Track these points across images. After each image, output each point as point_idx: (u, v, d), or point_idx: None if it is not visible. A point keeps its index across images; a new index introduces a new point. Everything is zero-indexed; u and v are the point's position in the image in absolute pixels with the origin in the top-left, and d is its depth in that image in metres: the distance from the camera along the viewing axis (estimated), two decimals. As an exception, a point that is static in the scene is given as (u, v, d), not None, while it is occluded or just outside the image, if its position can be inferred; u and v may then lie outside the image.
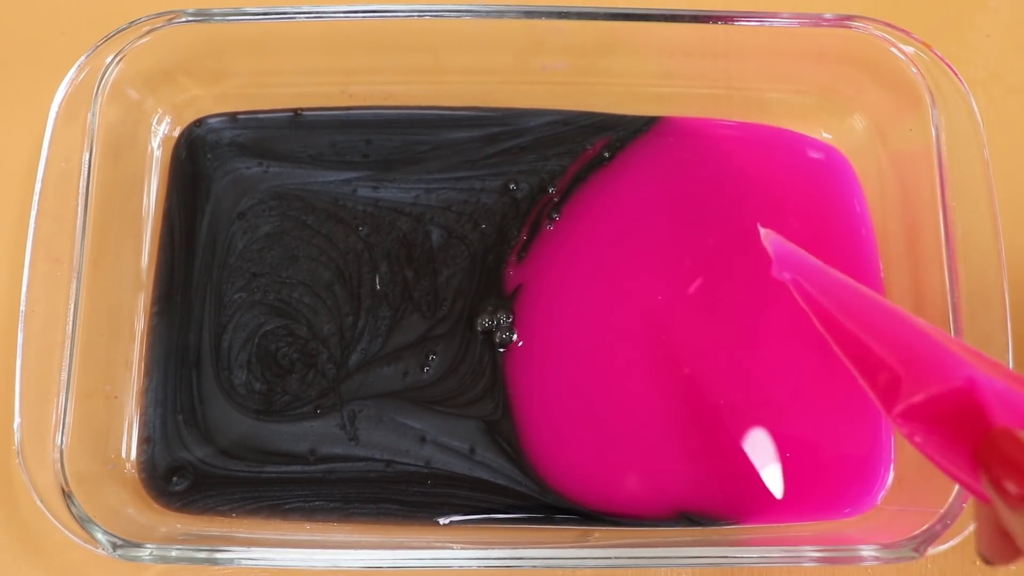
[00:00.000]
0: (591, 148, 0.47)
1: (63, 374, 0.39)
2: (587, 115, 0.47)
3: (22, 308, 0.39)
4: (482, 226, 0.45)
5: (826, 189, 0.47)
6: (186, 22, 0.43)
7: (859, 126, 0.47)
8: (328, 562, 0.37)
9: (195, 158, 0.46)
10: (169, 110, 0.46)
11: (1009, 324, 0.39)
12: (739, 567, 0.40)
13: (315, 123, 0.47)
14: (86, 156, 0.41)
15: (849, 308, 0.30)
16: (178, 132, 0.47)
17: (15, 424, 0.38)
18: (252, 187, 0.46)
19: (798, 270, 0.34)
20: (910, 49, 0.42)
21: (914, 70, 0.42)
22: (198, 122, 0.47)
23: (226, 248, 0.45)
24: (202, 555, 0.38)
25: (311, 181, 0.46)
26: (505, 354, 0.43)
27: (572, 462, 0.42)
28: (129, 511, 0.40)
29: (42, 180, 0.40)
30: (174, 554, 0.38)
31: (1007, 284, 0.39)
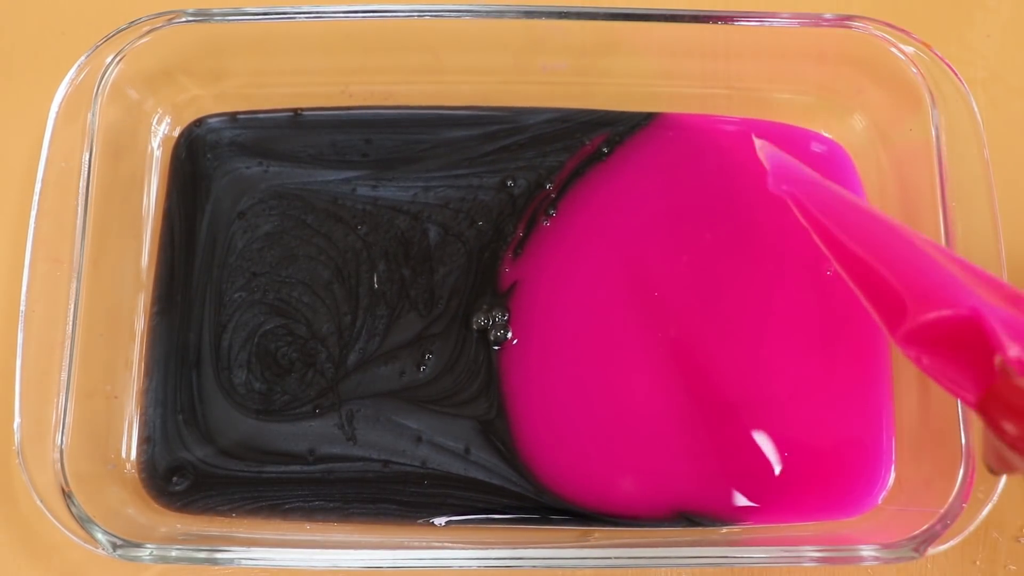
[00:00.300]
0: (589, 144, 0.47)
1: (63, 374, 0.39)
2: (586, 112, 0.47)
3: (22, 308, 0.39)
4: (479, 223, 0.45)
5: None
6: (186, 22, 0.43)
7: (859, 126, 0.47)
8: (328, 562, 0.37)
9: (195, 158, 0.46)
10: (169, 110, 0.46)
11: (1009, 324, 0.39)
12: (739, 567, 0.41)
13: (315, 123, 0.47)
14: (86, 156, 0.41)
15: (850, 225, 0.29)
16: (178, 132, 0.47)
17: (15, 424, 0.38)
18: (252, 187, 0.46)
19: (795, 183, 0.32)
20: (910, 49, 0.43)
21: (914, 70, 0.42)
22: (198, 122, 0.47)
23: (226, 247, 0.45)
24: (202, 555, 0.38)
25: (311, 180, 0.46)
26: (500, 352, 0.43)
27: (568, 461, 0.42)
28: (129, 511, 0.40)
29: (42, 180, 0.40)
30: (174, 554, 0.38)
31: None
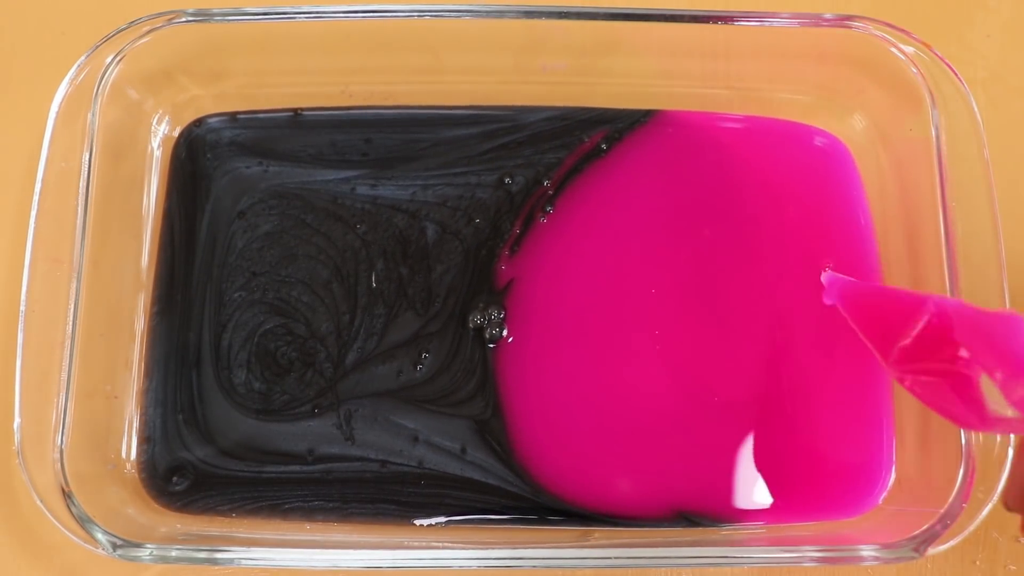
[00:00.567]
0: (588, 141, 0.47)
1: (63, 374, 0.39)
2: (585, 110, 0.47)
3: (22, 308, 0.39)
4: (476, 221, 0.45)
5: (824, 176, 0.46)
6: (186, 22, 0.43)
7: (859, 126, 0.47)
8: (328, 562, 0.37)
9: (195, 158, 0.46)
10: (169, 110, 0.46)
11: (1009, 324, 0.39)
12: (739, 567, 0.41)
13: (315, 122, 0.47)
14: (86, 156, 0.41)
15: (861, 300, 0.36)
16: (178, 132, 0.47)
17: (15, 424, 0.38)
18: (252, 186, 0.46)
19: (839, 293, 0.39)
20: (910, 49, 0.42)
21: (914, 70, 0.42)
22: (198, 122, 0.47)
23: (226, 247, 0.45)
24: (202, 555, 0.38)
25: (310, 180, 0.46)
26: (495, 351, 0.43)
27: (565, 461, 0.42)
28: (129, 511, 0.40)
29: (42, 180, 0.40)
30: (174, 554, 0.38)
31: (1007, 284, 0.39)
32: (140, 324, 0.44)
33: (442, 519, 0.41)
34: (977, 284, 0.40)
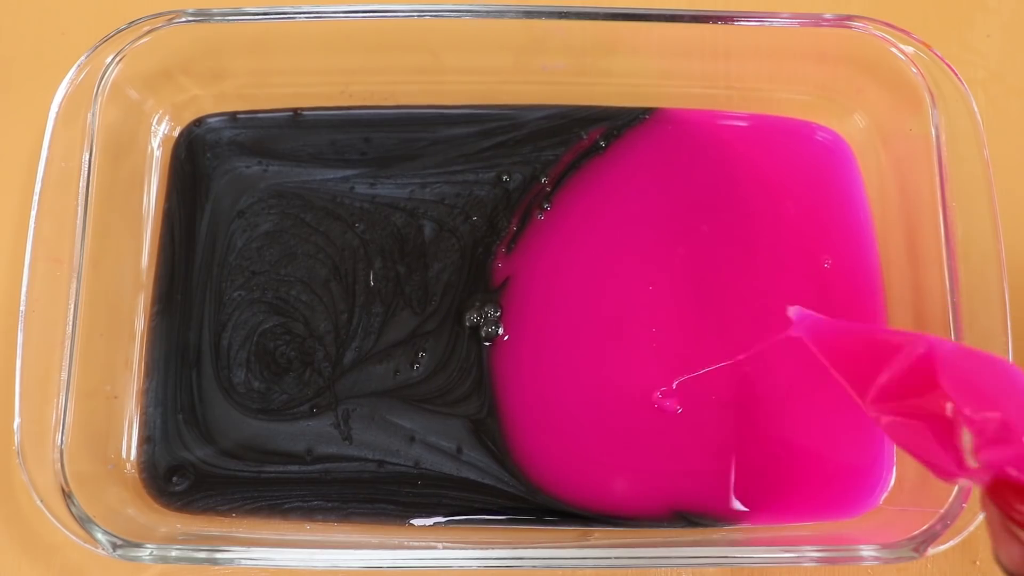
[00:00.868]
0: (586, 138, 0.47)
1: (63, 374, 0.39)
2: (584, 108, 0.47)
3: (22, 308, 0.39)
4: (473, 218, 0.45)
5: (823, 172, 0.46)
6: (186, 22, 0.43)
7: (859, 126, 0.47)
8: (328, 562, 0.37)
9: (195, 157, 0.46)
10: (169, 110, 0.46)
11: (1009, 324, 0.39)
12: (739, 567, 0.41)
13: (314, 122, 0.47)
14: (86, 156, 0.41)
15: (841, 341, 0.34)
16: (178, 132, 0.47)
17: (15, 424, 0.38)
18: (252, 186, 0.46)
19: (808, 327, 0.37)
20: (910, 49, 0.42)
21: (914, 70, 0.42)
22: (198, 122, 0.47)
23: (226, 246, 0.45)
24: (202, 555, 0.38)
25: (310, 179, 0.46)
26: (491, 349, 0.43)
27: (561, 461, 0.42)
28: (129, 511, 0.40)
29: (42, 180, 0.40)
30: (174, 554, 0.38)
31: (1007, 284, 0.39)
32: (140, 324, 0.44)
33: (440, 519, 0.41)
34: (977, 284, 0.40)
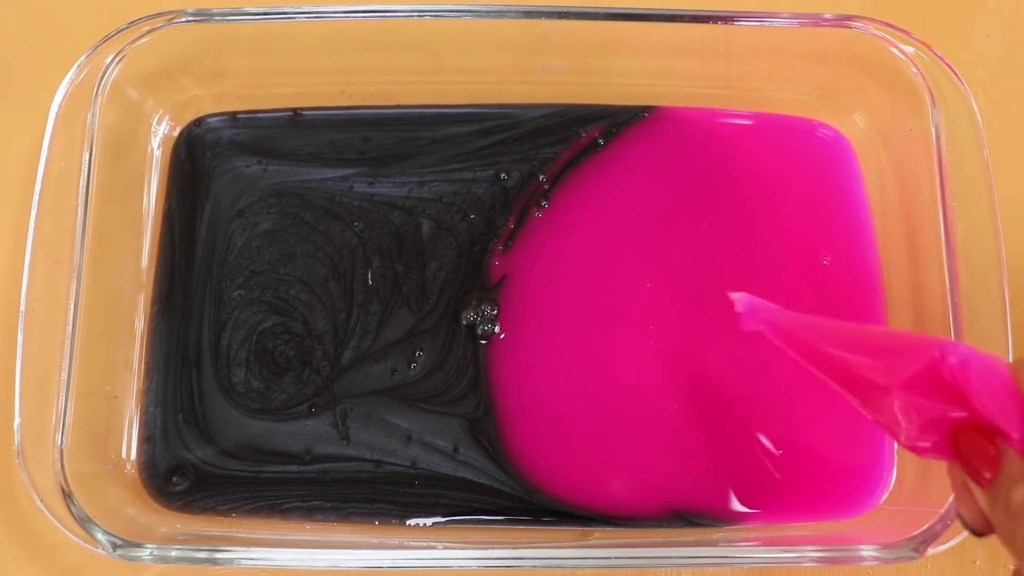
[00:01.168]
0: (585, 135, 0.47)
1: (63, 374, 0.39)
2: (584, 107, 0.47)
3: (22, 308, 0.39)
4: (471, 216, 0.45)
5: (823, 169, 0.46)
6: (186, 22, 0.43)
7: (859, 126, 0.47)
8: (328, 562, 0.37)
9: (194, 157, 0.46)
10: (169, 110, 0.46)
11: (1009, 324, 0.39)
12: (739, 567, 0.40)
13: (314, 122, 0.47)
14: (86, 156, 0.41)
15: (820, 334, 0.33)
16: (178, 132, 0.47)
17: (15, 424, 0.38)
18: (251, 185, 0.46)
19: (765, 319, 0.37)
20: (910, 49, 0.43)
21: (914, 70, 0.42)
22: (197, 121, 0.47)
23: (225, 246, 0.45)
24: (202, 555, 0.38)
25: (309, 178, 0.46)
26: (487, 348, 0.43)
27: (557, 459, 0.42)
28: (129, 511, 0.40)
29: (42, 180, 0.40)
30: (174, 554, 0.38)
31: (1007, 284, 0.39)
32: (140, 324, 0.44)
33: (439, 519, 0.41)
34: (977, 284, 0.40)
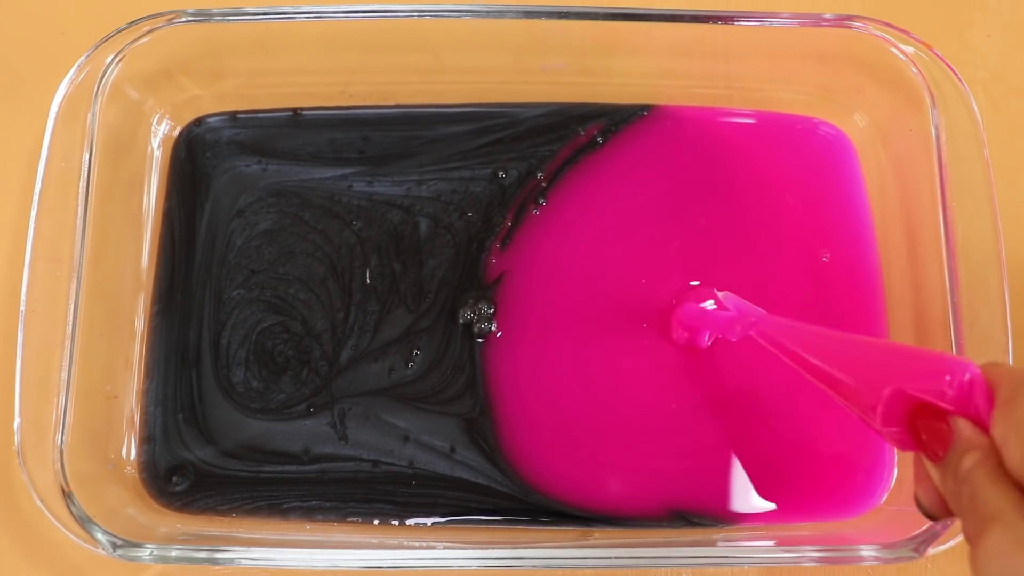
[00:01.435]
0: (584, 134, 0.46)
1: (63, 374, 0.39)
2: (583, 106, 0.47)
3: (22, 308, 0.39)
4: (468, 214, 0.45)
5: (823, 166, 0.46)
6: (186, 22, 0.43)
7: (859, 126, 0.47)
8: (328, 562, 0.37)
9: (194, 157, 0.46)
10: (169, 110, 0.46)
11: (1009, 324, 0.39)
12: (739, 567, 0.40)
13: (314, 121, 0.47)
14: (86, 156, 0.41)
15: (808, 343, 0.34)
16: (178, 132, 0.47)
17: (15, 424, 0.38)
18: (251, 184, 0.46)
19: (758, 323, 0.37)
20: (910, 49, 0.43)
21: (914, 70, 0.42)
22: (197, 121, 0.47)
23: (225, 245, 0.45)
24: (202, 555, 0.38)
25: (309, 177, 0.46)
26: (484, 346, 0.43)
27: (554, 459, 0.42)
28: (129, 511, 0.40)
29: (42, 180, 0.40)
30: (174, 554, 0.38)
31: (1007, 284, 0.39)
32: (140, 324, 0.44)
33: (438, 520, 0.41)
34: (977, 284, 0.40)
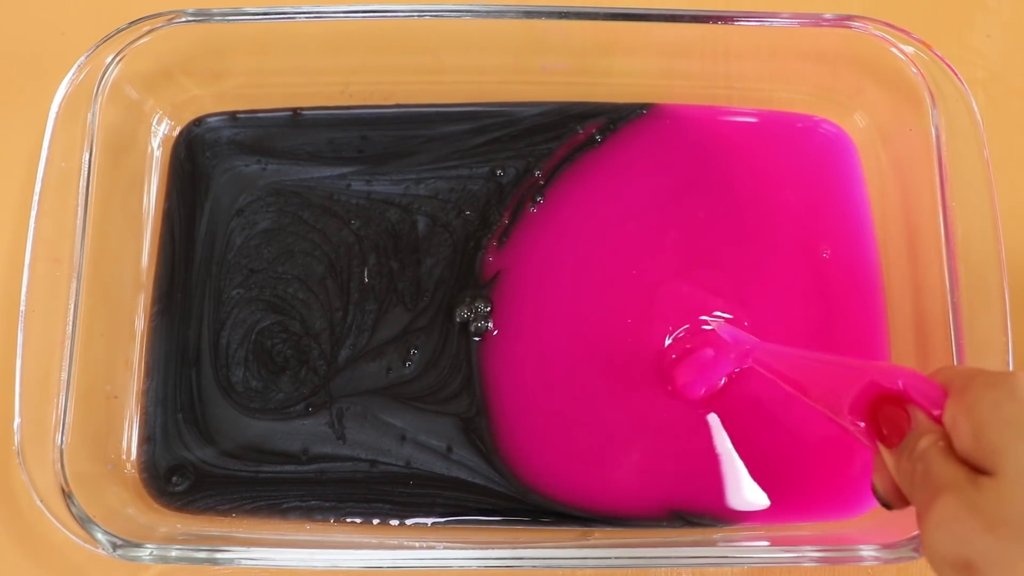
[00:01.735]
0: (582, 132, 0.46)
1: (63, 374, 0.39)
2: (582, 104, 0.47)
3: (22, 308, 0.39)
4: (466, 212, 0.45)
5: (823, 163, 0.46)
6: (186, 22, 0.43)
7: (859, 126, 0.47)
8: (328, 562, 0.37)
9: (194, 157, 0.46)
10: (169, 110, 0.46)
11: (1009, 324, 0.39)
12: (739, 567, 0.41)
13: (313, 121, 0.47)
14: (86, 156, 0.41)
15: (792, 362, 0.37)
16: (178, 132, 0.47)
17: (15, 424, 0.38)
18: (251, 184, 0.46)
19: (749, 352, 0.39)
20: (910, 49, 0.42)
21: (914, 70, 0.42)
22: (197, 121, 0.47)
23: (225, 244, 0.45)
24: (202, 555, 0.38)
25: (308, 177, 0.46)
26: (480, 345, 0.43)
27: (551, 460, 0.42)
28: (129, 511, 0.40)
29: (42, 180, 0.40)
30: (174, 554, 0.38)
31: (1007, 284, 0.39)
32: (140, 324, 0.44)
33: (437, 519, 0.41)
34: (977, 284, 0.40)
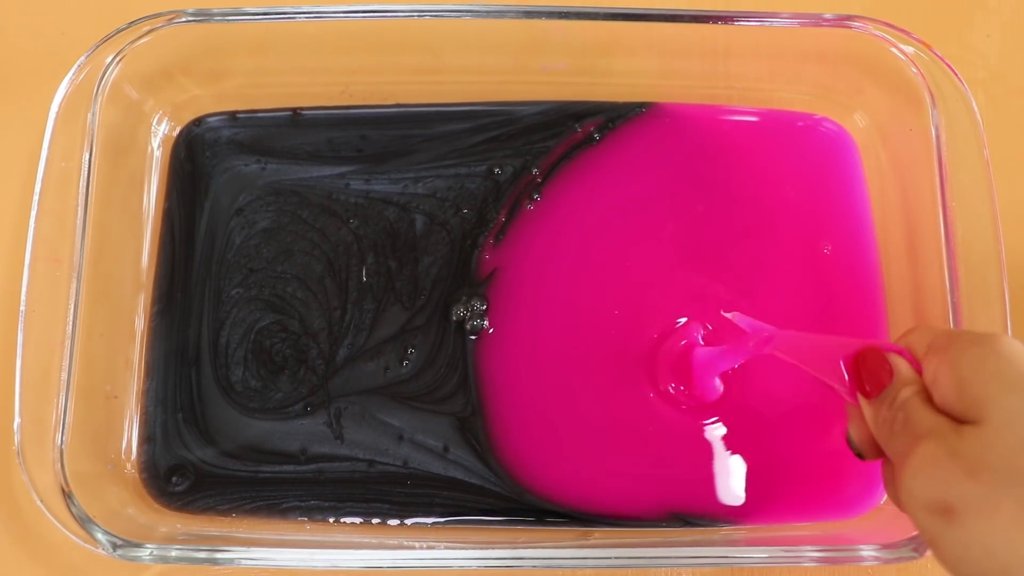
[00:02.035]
0: (581, 130, 0.46)
1: (63, 374, 0.39)
2: (581, 103, 0.47)
3: (22, 308, 0.39)
4: (464, 211, 0.45)
5: (824, 161, 0.46)
6: (186, 22, 0.43)
7: (859, 125, 0.47)
8: (328, 562, 0.37)
9: (194, 156, 0.46)
10: (169, 110, 0.46)
11: (1009, 324, 0.39)
12: (739, 567, 0.40)
13: (312, 121, 0.47)
14: (86, 156, 0.41)
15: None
16: (177, 132, 0.47)
17: (15, 424, 0.38)
18: (250, 183, 0.46)
19: (768, 340, 0.39)
20: (910, 49, 0.42)
21: (914, 70, 0.42)
22: (197, 121, 0.47)
23: (224, 244, 0.45)
24: (202, 555, 0.38)
25: (307, 176, 0.46)
26: (476, 344, 0.43)
27: (548, 460, 0.42)
28: (129, 511, 0.40)
29: (42, 180, 0.40)
30: (174, 554, 0.38)
31: (1007, 284, 0.39)
32: (140, 324, 0.44)
33: (435, 519, 0.41)
34: (977, 284, 0.40)
